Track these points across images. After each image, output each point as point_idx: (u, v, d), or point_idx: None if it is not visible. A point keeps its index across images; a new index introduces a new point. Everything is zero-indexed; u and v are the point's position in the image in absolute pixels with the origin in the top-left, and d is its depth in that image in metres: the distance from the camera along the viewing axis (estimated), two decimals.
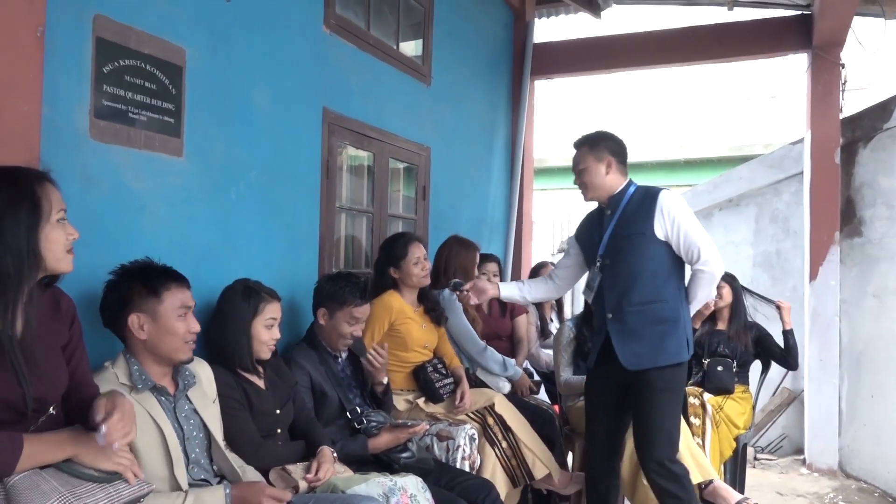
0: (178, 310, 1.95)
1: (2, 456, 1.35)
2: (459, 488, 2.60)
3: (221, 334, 2.32)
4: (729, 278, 3.99)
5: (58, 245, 1.51)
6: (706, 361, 3.90)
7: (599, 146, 2.86)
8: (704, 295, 2.82)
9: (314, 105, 3.24)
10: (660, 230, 2.73)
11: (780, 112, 10.75)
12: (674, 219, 2.71)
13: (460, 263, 3.57)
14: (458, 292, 3.15)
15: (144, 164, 2.35)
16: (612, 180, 2.85)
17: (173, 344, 1.95)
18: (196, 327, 1.99)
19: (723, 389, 3.80)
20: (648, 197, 2.78)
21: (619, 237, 2.80)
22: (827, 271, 4.97)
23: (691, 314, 2.87)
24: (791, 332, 3.88)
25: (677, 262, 2.79)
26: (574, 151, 2.94)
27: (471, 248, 3.68)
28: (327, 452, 2.32)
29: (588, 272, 2.98)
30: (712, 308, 3.78)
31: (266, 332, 2.36)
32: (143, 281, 1.94)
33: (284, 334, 2.59)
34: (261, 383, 2.38)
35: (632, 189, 2.86)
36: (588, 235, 2.99)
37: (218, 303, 2.37)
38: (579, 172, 2.90)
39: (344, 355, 2.87)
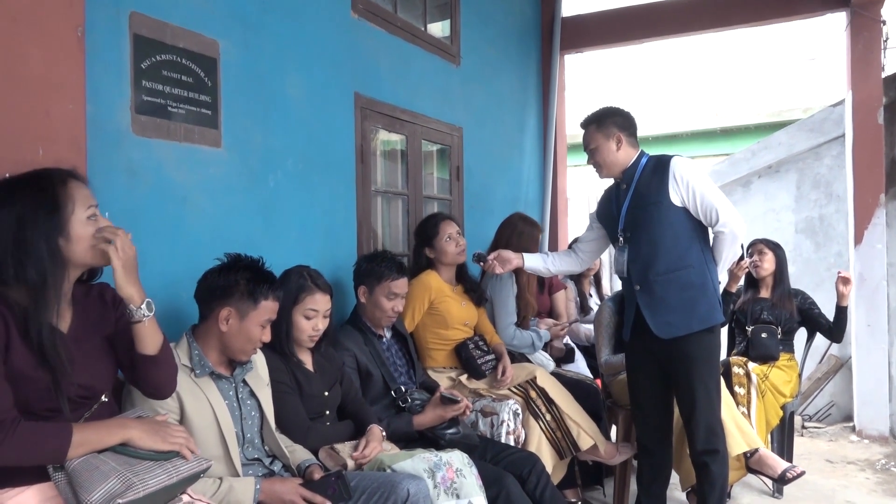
0: (264, 320, 2.03)
1: (54, 444, 1.42)
2: (505, 462, 2.63)
3: None
4: (773, 245, 3.94)
5: (86, 242, 1.51)
6: (750, 329, 3.85)
7: (607, 123, 2.85)
8: (729, 255, 2.80)
9: (346, 90, 3.27)
10: (675, 197, 2.72)
11: (819, 75, 10.42)
12: (688, 183, 2.70)
13: (523, 243, 3.50)
14: (481, 263, 3.16)
15: (185, 157, 2.41)
16: (623, 155, 2.84)
17: (245, 347, 2.03)
18: (268, 338, 2.06)
19: (767, 356, 3.76)
20: (660, 165, 2.77)
21: (637, 209, 2.79)
22: (873, 235, 4.85)
23: (720, 276, 2.86)
24: (846, 308, 3.77)
25: (698, 227, 2.77)
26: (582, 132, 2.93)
27: (535, 227, 3.68)
28: (377, 431, 2.37)
29: (614, 250, 2.97)
30: (746, 269, 3.73)
31: (304, 322, 2.36)
32: (249, 282, 2.01)
33: None
34: (310, 366, 2.43)
35: (644, 160, 2.85)
36: (607, 211, 2.98)
37: None
38: (591, 152, 2.90)
39: (388, 334, 2.92)
